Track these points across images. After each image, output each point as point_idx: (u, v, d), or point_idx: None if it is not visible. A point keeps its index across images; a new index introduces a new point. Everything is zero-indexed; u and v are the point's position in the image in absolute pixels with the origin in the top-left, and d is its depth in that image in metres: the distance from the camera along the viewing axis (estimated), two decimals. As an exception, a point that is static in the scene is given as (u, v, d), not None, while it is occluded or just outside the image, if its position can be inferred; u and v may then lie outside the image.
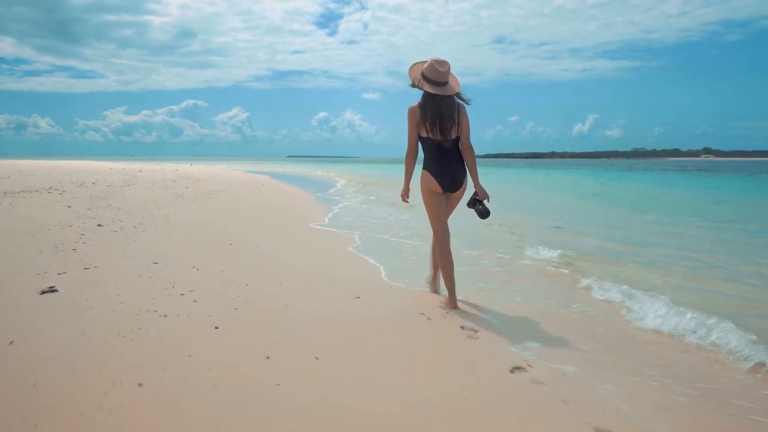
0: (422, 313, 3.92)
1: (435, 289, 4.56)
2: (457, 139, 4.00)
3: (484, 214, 4.04)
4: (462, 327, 3.67)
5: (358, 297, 4.29)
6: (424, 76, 3.89)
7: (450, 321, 3.78)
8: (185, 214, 8.99)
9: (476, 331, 3.61)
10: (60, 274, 4.44)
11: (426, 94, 3.91)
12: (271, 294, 4.22)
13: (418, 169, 4.12)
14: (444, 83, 3.88)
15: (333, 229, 8.06)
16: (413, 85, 3.95)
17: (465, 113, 3.98)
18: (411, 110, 3.97)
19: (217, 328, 3.30)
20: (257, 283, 4.51)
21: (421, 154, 4.10)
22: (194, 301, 3.86)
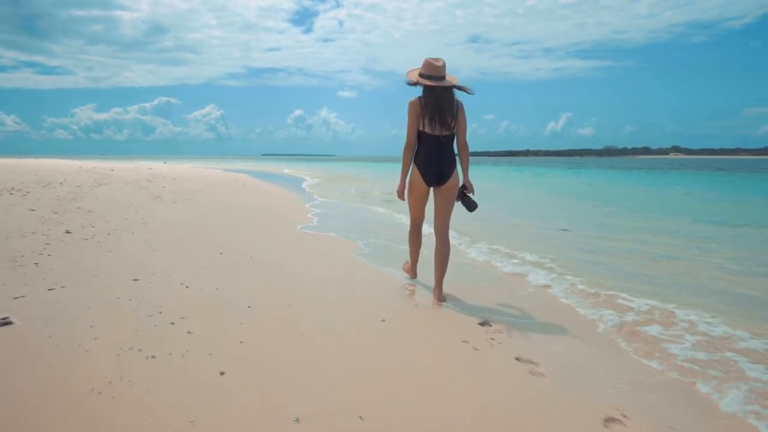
0: (465, 341, 3.23)
1: (414, 276, 4.75)
2: (453, 135, 4.06)
3: (473, 206, 4.14)
4: (518, 359, 2.98)
5: (384, 320, 3.57)
6: (421, 75, 3.98)
7: (499, 350, 3.08)
8: (165, 217, 8.13)
9: (537, 364, 2.93)
10: (17, 298, 3.62)
11: (425, 89, 3.98)
12: (281, 319, 3.46)
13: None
14: (441, 77, 3.95)
15: (332, 234, 7.31)
16: (412, 83, 4.02)
17: (463, 110, 4.06)
18: (411, 104, 4.02)
19: (222, 374, 2.54)
20: (261, 305, 3.75)
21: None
22: (188, 332, 3.09)
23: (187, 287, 4.11)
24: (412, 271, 4.74)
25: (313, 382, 2.50)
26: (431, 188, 4.19)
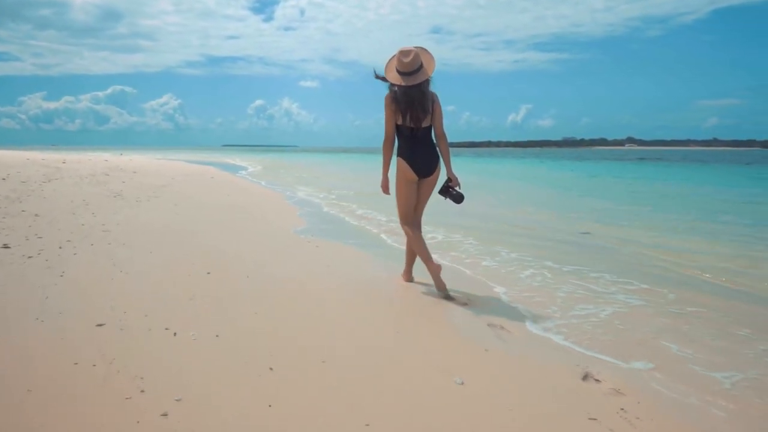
0: (592, 419, 2.20)
1: (409, 279, 4.51)
2: (429, 127, 4.04)
3: (458, 198, 4.11)
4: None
5: (463, 383, 2.51)
6: (397, 71, 3.91)
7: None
8: (130, 220, 6.82)
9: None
10: None
11: (398, 85, 3.90)
12: (319, 390, 2.34)
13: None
14: (413, 72, 3.88)
15: (336, 242, 6.16)
16: (385, 80, 3.97)
17: (438, 101, 4.04)
18: (387, 98, 3.98)
19: None
20: (284, 361, 2.62)
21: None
22: (193, 434, 1.95)
23: (175, 335, 2.94)
24: (408, 275, 4.50)
25: None
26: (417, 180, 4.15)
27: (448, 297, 4.02)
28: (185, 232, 6.27)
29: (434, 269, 4.07)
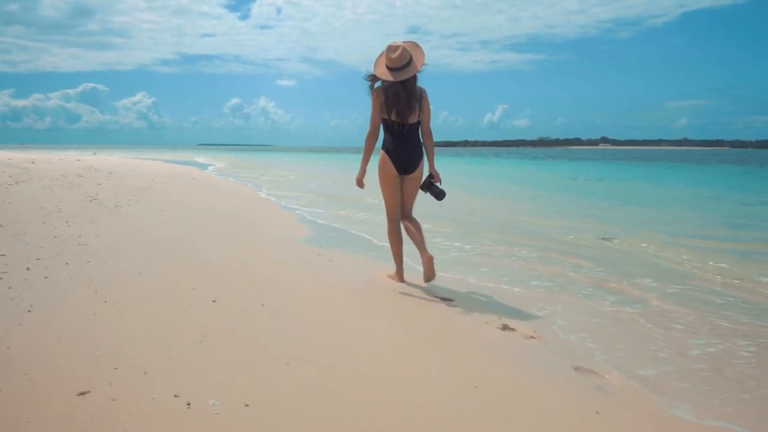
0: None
1: (401, 279, 4.37)
2: (417, 123, 4.02)
3: (440, 195, 4.08)
4: None
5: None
6: (386, 66, 3.86)
7: None
8: (111, 230, 5.91)
9: None
10: None
11: (385, 80, 3.88)
12: None
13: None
14: (402, 67, 3.83)
15: (353, 254, 5.35)
16: (375, 78, 3.95)
17: (426, 98, 4.00)
18: (376, 92, 3.96)
19: None
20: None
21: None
22: None
23: (188, 405, 2.12)
24: (399, 275, 4.36)
25: None
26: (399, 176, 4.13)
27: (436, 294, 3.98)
28: (178, 245, 5.40)
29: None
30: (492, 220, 8.29)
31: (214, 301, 3.55)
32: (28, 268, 4.10)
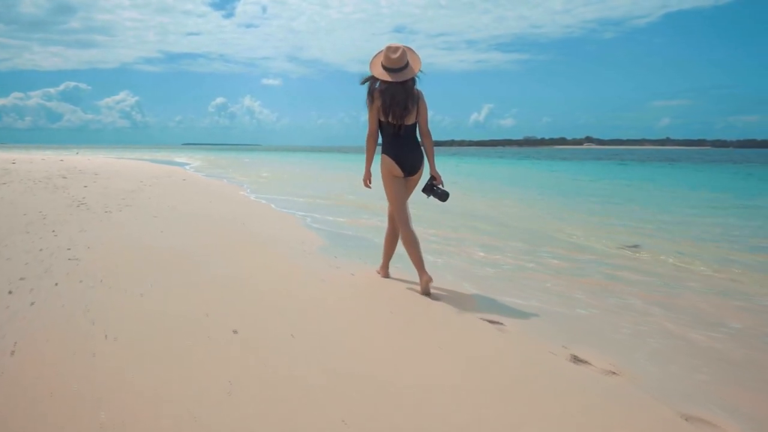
0: None
1: (386, 275, 4.43)
2: (415, 124, 4.03)
3: (443, 196, 4.04)
4: None
5: None
6: (383, 66, 3.89)
7: None
8: (103, 240, 5.30)
9: None
10: None
11: (383, 81, 3.89)
12: None
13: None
14: (400, 68, 3.87)
15: (373, 265, 4.82)
16: (366, 79, 3.97)
17: (423, 99, 4.01)
18: (372, 95, 3.94)
19: None
20: None
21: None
22: None
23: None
24: (384, 271, 4.46)
25: None
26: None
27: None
28: (180, 258, 4.81)
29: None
30: (510, 228, 7.79)
31: (234, 332, 2.99)
32: (10, 292, 3.50)
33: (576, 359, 2.90)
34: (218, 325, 3.09)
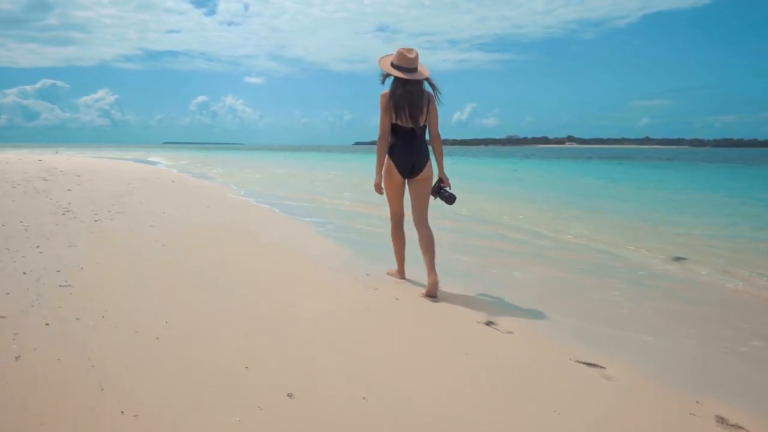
0: None
1: (402, 276, 4.42)
2: (425, 126, 4.06)
3: (451, 199, 4.05)
4: None
5: None
6: (393, 65, 3.93)
7: None
8: (97, 258, 4.51)
9: None
10: None
11: (396, 81, 3.95)
12: None
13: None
14: (413, 69, 3.92)
15: (413, 285, 4.11)
16: (384, 76, 4.03)
17: (434, 102, 4.02)
18: (383, 96, 4.00)
19: None
20: None
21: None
22: None
23: None
24: (400, 273, 4.43)
25: None
26: (405, 180, 4.14)
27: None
28: (194, 280, 4.06)
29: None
30: (538, 237, 7.15)
31: (289, 395, 2.27)
32: (-13, 337, 2.72)
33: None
34: (268, 383, 2.36)
